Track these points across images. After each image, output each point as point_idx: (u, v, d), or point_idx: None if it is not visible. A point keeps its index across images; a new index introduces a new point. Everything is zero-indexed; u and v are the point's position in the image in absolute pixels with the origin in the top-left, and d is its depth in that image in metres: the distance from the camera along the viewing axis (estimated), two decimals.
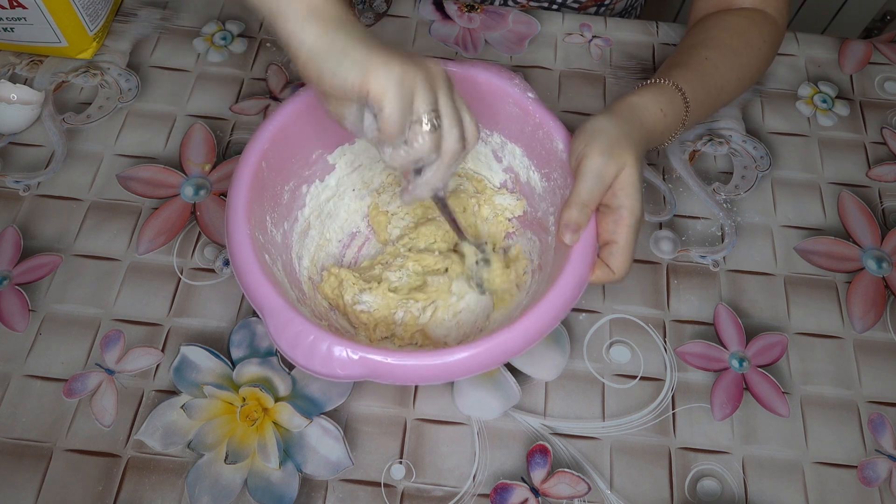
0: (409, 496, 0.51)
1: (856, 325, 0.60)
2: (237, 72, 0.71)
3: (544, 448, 0.53)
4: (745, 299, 0.60)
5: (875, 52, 0.76)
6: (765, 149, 0.69)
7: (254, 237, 0.48)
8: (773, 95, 0.72)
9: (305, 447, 0.53)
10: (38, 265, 0.59)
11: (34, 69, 0.69)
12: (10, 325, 0.56)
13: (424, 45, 0.74)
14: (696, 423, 0.55)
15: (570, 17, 0.77)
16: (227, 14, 0.75)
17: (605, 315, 0.59)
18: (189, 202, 0.63)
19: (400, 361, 0.43)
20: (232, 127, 0.68)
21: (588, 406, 0.55)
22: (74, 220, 0.61)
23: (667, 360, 0.57)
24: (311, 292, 0.55)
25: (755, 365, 0.58)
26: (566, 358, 0.57)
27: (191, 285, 0.59)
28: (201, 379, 0.55)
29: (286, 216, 0.55)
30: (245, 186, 0.49)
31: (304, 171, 0.57)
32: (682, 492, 0.52)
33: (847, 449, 0.54)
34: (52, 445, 0.52)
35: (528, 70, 0.73)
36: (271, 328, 0.44)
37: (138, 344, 0.56)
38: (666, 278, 0.61)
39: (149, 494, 0.50)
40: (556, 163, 0.52)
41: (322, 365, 0.42)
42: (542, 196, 0.56)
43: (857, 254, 0.63)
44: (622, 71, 0.73)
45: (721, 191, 0.66)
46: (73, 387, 0.54)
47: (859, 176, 0.68)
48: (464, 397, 0.55)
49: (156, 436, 0.52)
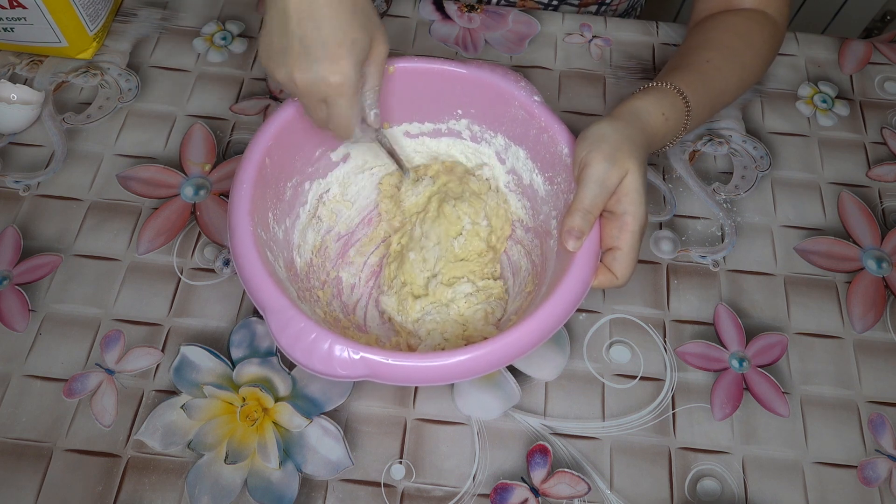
0: (409, 496, 0.51)
1: (856, 325, 0.60)
2: (237, 72, 0.71)
3: (544, 448, 0.53)
4: (745, 299, 0.60)
5: (875, 52, 0.76)
6: (765, 149, 0.69)
7: (256, 233, 0.48)
8: (773, 95, 0.72)
9: (305, 447, 0.53)
10: (38, 265, 0.59)
11: (34, 69, 0.69)
12: (10, 325, 0.56)
13: (424, 45, 0.74)
14: (696, 423, 0.55)
15: (570, 17, 0.77)
16: (227, 14, 0.75)
17: (605, 315, 0.59)
18: (189, 202, 0.63)
19: (401, 362, 0.43)
20: (232, 127, 0.67)
21: (588, 406, 0.55)
22: (74, 220, 0.61)
23: (667, 360, 0.57)
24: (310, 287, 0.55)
25: (755, 365, 0.58)
26: (566, 358, 0.57)
27: (191, 285, 0.59)
28: (201, 379, 0.55)
29: (288, 213, 0.55)
30: (248, 183, 0.49)
31: (307, 167, 0.57)
32: (682, 492, 0.52)
33: (847, 449, 0.55)
34: (52, 445, 0.52)
35: (528, 70, 0.73)
36: (272, 326, 0.44)
37: (138, 344, 0.56)
38: (666, 278, 0.61)
39: (149, 494, 0.50)
40: (560, 166, 0.52)
41: (322, 364, 0.42)
42: (544, 199, 0.56)
43: (857, 254, 0.63)
44: (622, 71, 0.73)
45: (721, 191, 0.66)
46: (73, 387, 0.54)
47: (859, 176, 0.68)
48: (464, 397, 0.55)
49: (156, 436, 0.52)
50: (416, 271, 0.57)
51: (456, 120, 0.59)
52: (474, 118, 0.58)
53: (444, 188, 0.61)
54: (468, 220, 0.59)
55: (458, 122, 0.59)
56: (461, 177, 0.61)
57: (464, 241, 0.59)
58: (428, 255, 0.58)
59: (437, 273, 0.58)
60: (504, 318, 0.56)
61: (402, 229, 0.60)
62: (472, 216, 0.59)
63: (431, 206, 0.59)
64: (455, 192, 0.60)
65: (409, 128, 0.60)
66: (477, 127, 0.59)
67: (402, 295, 0.57)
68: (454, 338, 0.55)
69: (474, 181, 0.61)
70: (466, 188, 0.61)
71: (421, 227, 0.59)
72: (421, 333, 0.55)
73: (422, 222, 0.59)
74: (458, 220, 0.59)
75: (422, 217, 0.59)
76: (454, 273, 0.58)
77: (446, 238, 0.59)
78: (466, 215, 0.59)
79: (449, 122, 0.60)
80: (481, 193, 0.61)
